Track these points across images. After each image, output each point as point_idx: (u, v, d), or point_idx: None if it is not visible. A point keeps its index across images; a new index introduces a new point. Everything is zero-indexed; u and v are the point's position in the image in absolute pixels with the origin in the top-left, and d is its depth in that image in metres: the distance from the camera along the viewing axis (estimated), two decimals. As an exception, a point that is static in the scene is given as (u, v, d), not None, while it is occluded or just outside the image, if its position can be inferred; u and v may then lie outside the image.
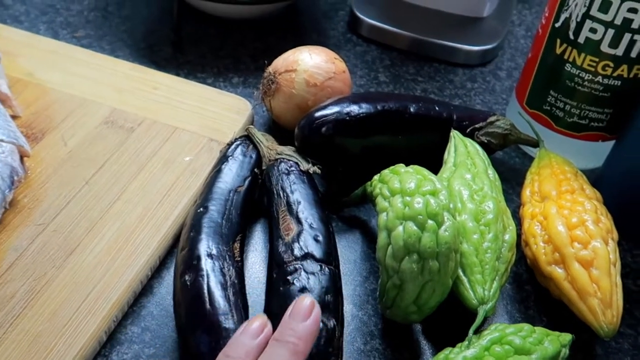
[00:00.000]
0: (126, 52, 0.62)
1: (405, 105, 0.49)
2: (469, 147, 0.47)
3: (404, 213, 0.38)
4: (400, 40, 0.67)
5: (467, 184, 0.43)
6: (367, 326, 0.42)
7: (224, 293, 0.36)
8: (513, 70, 0.66)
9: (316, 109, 0.47)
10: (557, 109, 0.51)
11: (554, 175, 0.45)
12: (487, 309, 0.39)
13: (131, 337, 0.39)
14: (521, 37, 0.71)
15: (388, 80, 0.62)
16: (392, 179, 0.41)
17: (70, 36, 0.63)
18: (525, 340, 0.36)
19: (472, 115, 0.51)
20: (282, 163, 0.45)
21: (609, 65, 0.47)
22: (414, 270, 0.37)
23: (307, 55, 0.51)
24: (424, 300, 0.38)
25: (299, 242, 0.39)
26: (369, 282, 0.44)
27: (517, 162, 0.55)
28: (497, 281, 0.40)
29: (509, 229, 0.42)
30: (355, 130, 0.47)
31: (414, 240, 0.37)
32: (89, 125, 0.51)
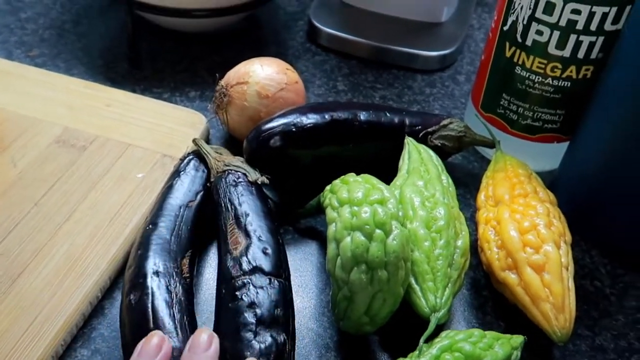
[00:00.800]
0: (81, 70, 0.62)
1: (355, 114, 0.48)
2: (423, 154, 0.47)
3: (351, 223, 0.37)
4: (359, 48, 0.66)
5: (418, 191, 0.43)
6: (323, 339, 0.41)
7: (169, 311, 0.36)
8: (472, 75, 0.66)
9: (264, 121, 0.46)
10: (511, 112, 0.51)
11: (507, 178, 0.45)
12: (439, 316, 0.38)
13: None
14: (480, 41, 0.71)
15: (347, 89, 0.62)
16: (341, 189, 0.40)
17: (25, 55, 0.63)
18: (476, 346, 0.36)
19: (424, 119, 0.51)
20: (230, 174, 0.44)
21: (557, 66, 0.47)
22: (363, 280, 0.36)
23: (258, 67, 0.51)
24: (375, 310, 0.38)
25: (247, 256, 0.38)
26: (325, 294, 0.44)
27: (476, 167, 0.55)
28: (449, 288, 0.39)
29: (462, 235, 0.42)
30: (303, 141, 0.46)
31: (362, 251, 0.36)
32: (40, 145, 0.50)
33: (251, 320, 0.36)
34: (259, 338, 0.35)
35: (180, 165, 0.47)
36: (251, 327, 0.36)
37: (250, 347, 0.35)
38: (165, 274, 0.38)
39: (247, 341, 0.35)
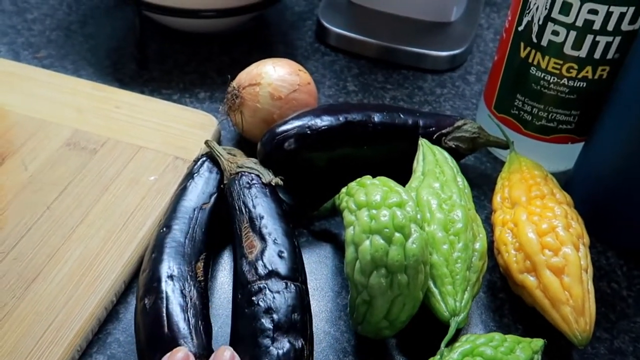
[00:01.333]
0: (89, 71, 0.61)
1: (369, 115, 0.48)
2: (437, 155, 0.47)
3: (370, 227, 0.37)
4: (368, 48, 0.66)
5: (435, 193, 0.43)
6: (340, 343, 0.41)
7: (183, 315, 0.35)
8: (482, 75, 0.66)
9: (278, 124, 0.46)
10: (525, 112, 0.51)
11: (523, 180, 0.45)
12: (459, 320, 0.38)
13: (96, 366, 0.38)
14: (490, 41, 0.71)
15: (357, 89, 0.62)
16: (358, 192, 0.40)
17: (32, 57, 0.62)
18: (497, 350, 0.35)
19: (438, 120, 0.51)
20: (243, 176, 0.44)
21: (573, 67, 0.46)
22: (382, 284, 0.36)
23: (270, 68, 0.50)
24: (395, 314, 0.37)
25: (263, 260, 0.38)
26: (341, 298, 0.43)
27: (489, 167, 0.55)
28: (468, 292, 0.39)
29: (479, 237, 0.42)
30: (318, 144, 0.46)
31: (382, 254, 0.36)
32: (50, 148, 0.50)
33: (268, 326, 0.35)
34: (277, 344, 0.35)
35: (194, 167, 0.46)
36: (268, 333, 0.35)
37: (268, 353, 0.34)
38: (180, 277, 0.38)
39: (264, 347, 0.35)
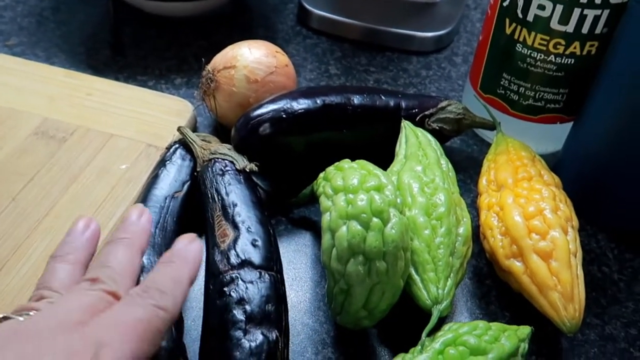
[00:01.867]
0: (62, 59, 0.59)
1: (348, 98, 0.46)
2: (420, 138, 0.45)
3: (347, 212, 0.35)
4: (352, 30, 0.64)
5: (417, 176, 0.41)
6: (319, 334, 0.39)
7: None
8: (469, 55, 0.64)
9: (252, 108, 0.44)
10: (512, 92, 0.49)
11: (510, 161, 0.43)
12: (442, 308, 0.36)
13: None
14: (477, 21, 0.69)
15: (339, 73, 0.60)
16: (335, 176, 0.38)
17: (2, 44, 0.60)
18: (481, 339, 0.34)
19: (421, 102, 0.49)
20: (217, 163, 0.42)
21: (561, 43, 0.45)
22: (360, 272, 0.34)
23: (246, 50, 0.48)
24: (374, 303, 0.36)
25: (236, 249, 0.36)
26: (320, 287, 0.42)
27: (475, 150, 0.53)
28: (451, 278, 0.37)
29: (463, 222, 0.40)
30: (295, 128, 0.44)
31: (359, 241, 0.34)
32: (17, 137, 0.48)
33: (240, 317, 0.34)
34: (249, 336, 0.33)
35: (166, 154, 0.44)
36: (240, 325, 0.33)
37: (239, 346, 0.33)
38: (150, 269, 0.36)
39: (236, 340, 0.33)
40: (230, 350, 0.33)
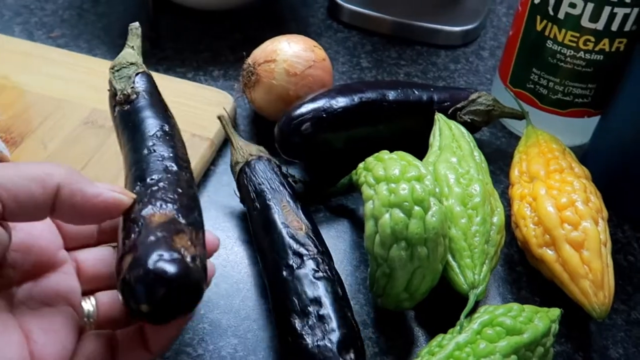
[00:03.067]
0: (103, 50, 0.61)
1: (383, 94, 0.48)
2: (454, 130, 0.47)
3: (389, 200, 0.37)
4: (381, 24, 0.66)
5: (453, 167, 0.43)
6: (360, 316, 0.41)
7: None
8: (496, 50, 0.65)
9: (294, 107, 0.46)
10: (541, 86, 0.51)
11: (541, 154, 0.45)
12: (478, 292, 0.38)
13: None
14: (503, 15, 0.70)
15: (370, 66, 0.62)
16: (376, 167, 0.40)
17: (46, 37, 0.62)
18: (516, 320, 0.36)
19: (453, 95, 0.51)
20: (259, 161, 0.44)
21: (590, 40, 0.46)
22: (402, 257, 0.37)
23: (285, 45, 0.50)
24: (415, 287, 0.38)
25: (309, 239, 0.39)
26: (360, 271, 0.44)
27: (504, 142, 0.55)
28: (486, 265, 0.39)
29: (497, 211, 0.42)
30: (334, 126, 0.46)
31: (401, 227, 0.36)
32: (68, 127, 0.50)
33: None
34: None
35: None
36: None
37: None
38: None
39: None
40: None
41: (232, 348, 0.39)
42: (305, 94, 0.49)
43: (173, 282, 0.27)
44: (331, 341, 0.34)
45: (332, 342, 0.34)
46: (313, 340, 0.34)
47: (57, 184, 0.28)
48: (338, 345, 0.34)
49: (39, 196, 0.27)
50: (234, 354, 0.39)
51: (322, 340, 0.34)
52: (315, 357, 0.33)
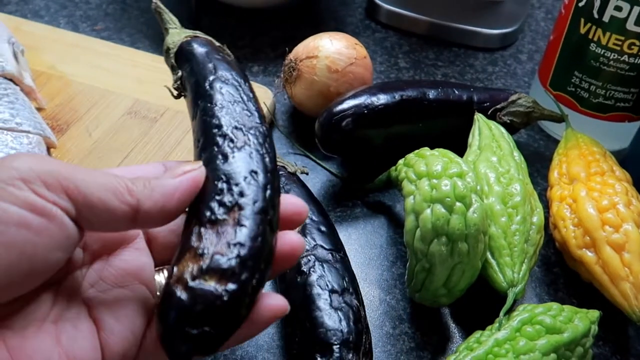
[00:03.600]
0: (146, 44, 0.62)
1: (424, 92, 0.48)
2: (494, 130, 0.47)
3: (431, 196, 0.37)
4: (419, 25, 0.66)
5: (493, 166, 0.43)
6: (396, 310, 0.42)
7: None
8: (534, 53, 0.65)
9: (335, 103, 0.47)
10: (582, 89, 0.51)
11: (582, 156, 0.45)
12: (517, 291, 0.38)
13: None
14: (541, 20, 0.70)
15: (408, 66, 0.62)
16: (417, 162, 0.40)
17: (90, 29, 0.64)
18: (556, 319, 0.36)
19: (493, 95, 0.51)
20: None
21: (635, 43, 0.46)
22: (443, 252, 0.37)
23: (328, 42, 0.51)
24: (454, 282, 0.38)
25: (305, 236, 0.39)
26: (396, 267, 0.44)
27: (541, 145, 0.55)
28: (525, 263, 0.39)
29: (537, 211, 0.42)
30: (375, 122, 0.47)
31: (443, 223, 0.37)
32: (112, 116, 0.51)
33: (324, 290, 0.37)
34: (335, 305, 0.36)
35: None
36: (325, 297, 0.36)
37: (329, 314, 0.36)
38: None
39: (324, 309, 0.36)
40: (320, 319, 0.36)
41: (269, 337, 0.39)
42: (346, 90, 0.50)
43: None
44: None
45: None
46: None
47: (137, 200, 0.26)
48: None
49: (117, 211, 0.25)
50: (271, 343, 0.39)
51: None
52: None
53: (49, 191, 0.24)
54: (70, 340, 0.25)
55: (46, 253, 0.24)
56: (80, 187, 0.25)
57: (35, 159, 0.25)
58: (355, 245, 0.45)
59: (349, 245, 0.44)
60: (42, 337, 0.25)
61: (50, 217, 0.24)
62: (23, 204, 0.23)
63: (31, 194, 0.24)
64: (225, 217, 0.26)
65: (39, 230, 0.23)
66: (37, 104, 0.50)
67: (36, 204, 0.24)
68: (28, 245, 0.23)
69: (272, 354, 0.38)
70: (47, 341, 0.25)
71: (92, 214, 0.25)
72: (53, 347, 0.25)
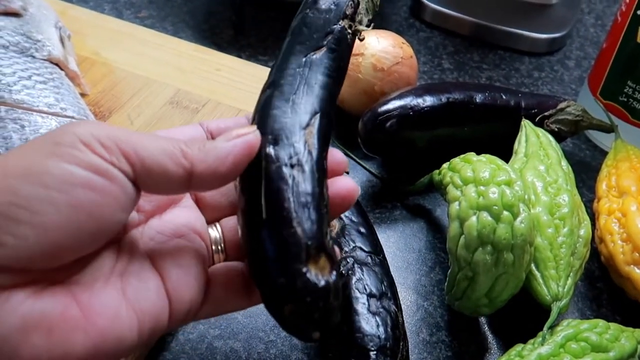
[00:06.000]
0: (188, 34, 0.62)
1: (471, 96, 0.47)
2: (541, 138, 0.46)
3: (477, 203, 0.37)
4: (465, 26, 0.65)
5: (540, 175, 0.42)
6: (433, 317, 0.41)
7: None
8: (582, 60, 0.63)
9: (379, 103, 0.46)
10: (635, 100, 0.49)
11: (633, 169, 0.43)
12: (561, 305, 0.37)
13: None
14: (591, 26, 0.68)
15: (452, 68, 0.61)
16: (464, 168, 0.39)
17: (134, 16, 0.64)
18: (602, 337, 0.34)
19: (541, 102, 0.49)
20: None
21: (696, 55, 0.44)
22: (487, 262, 0.36)
23: (374, 40, 0.50)
24: (497, 293, 0.37)
25: (345, 237, 0.39)
26: (435, 273, 0.43)
27: (587, 155, 0.53)
28: (571, 277, 0.38)
29: (584, 224, 0.41)
30: (419, 124, 0.46)
31: (489, 231, 0.36)
32: (154, 105, 0.51)
33: (362, 293, 0.36)
34: (373, 309, 0.35)
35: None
36: (362, 300, 0.36)
37: (366, 319, 0.35)
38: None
39: (361, 313, 0.35)
40: (357, 323, 0.35)
41: (305, 336, 0.39)
42: (390, 90, 0.49)
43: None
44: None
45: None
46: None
47: (191, 164, 0.26)
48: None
49: (173, 174, 0.26)
50: (305, 344, 0.39)
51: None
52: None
53: (109, 154, 0.25)
54: (136, 292, 0.26)
55: (110, 213, 0.25)
56: (138, 150, 0.25)
57: (94, 125, 0.25)
58: (393, 248, 0.44)
59: (387, 247, 0.44)
60: (109, 291, 0.26)
61: (112, 178, 0.25)
62: (87, 166, 0.24)
63: (94, 157, 0.24)
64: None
65: (103, 191, 0.24)
66: (80, 89, 0.50)
67: (99, 166, 0.24)
68: (94, 206, 0.24)
69: (306, 355, 0.38)
70: (114, 295, 0.26)
71: (149, 177, 0.26)
72: (120, 300, 0.26)
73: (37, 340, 0.23)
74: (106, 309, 0.25)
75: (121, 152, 0.25)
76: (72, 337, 0.24)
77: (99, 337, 0.24)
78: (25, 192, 0.23)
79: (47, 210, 0.23)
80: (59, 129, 0.25)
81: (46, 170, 0.24)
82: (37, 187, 0.23)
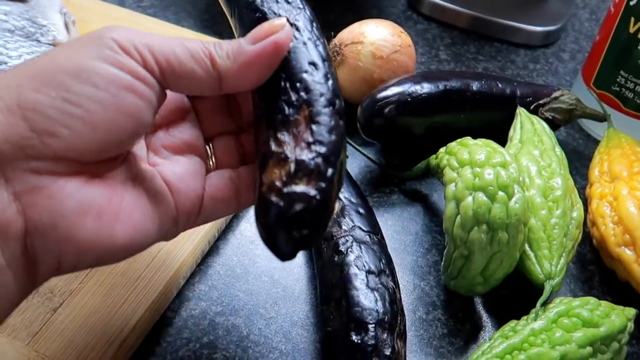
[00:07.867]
0: (190, 22, 0.63)
1: (468, 84, 0.48)
2: (536, 125, 0.47)
3: (473, 184, 0.38)
4: (461, 18, 0.66)
5: (535, 160, 0.43)
6: (429, 296, 0.42)
7: None
8: (577, 53, 0.65)
9: (378, 90, 0.47)
10: (627, 89, 0.50)
11: (625, 155, 0.45)
12: (554, 284, 0.38)
13: (199, 294, 0.40)
14: (585, 20, 0.70)
15: (449, 59, 0.62)
16: (460, 151, 0.41)
17: (137, 5, 0.65)
18: (593, 313, 0.36)
19: (536, 91, 0.50)
20: None
21: (686, 45, 0.46)
22: (482, 240, 0.37)
23: (373, 28, 0.51)
24: (491, 271, 0.38)
25: (344, 217, 0.40)
26: (431, 255, 0.44)
27: (581, 144, 0.54)
28: (564, 257, 0.39)
29: (577, 207, 0.42)
30: (418, 111, 0.47)
31: (484, 211, 0.37)
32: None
33: (360, 270, 0.37)
34: (372, 285, 0.36)
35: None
36: (361, 277, 0.37)
37: (365, 294, 0.36)
38: None
39: (360, 289, 0.36)
40: (356, 298, 0.36)
41: (304, 314, 0.40)
42: (389, 78, 0.50)
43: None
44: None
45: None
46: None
47: (219, 71, 0.28)
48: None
49: (203, 82, 0.28)
50: (305, 319, 0.40)
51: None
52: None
53: (144, 61, 0.27)
54: (153, 198, 0.29)
55: (147, 115, 0.27)
56: (169, 58, 0.27)
57: (127, 31, 0.27)
58: (390, 231, 0.45)
59: (385, 230, 0.45)
60: (137, 189, 0.28)
61: (148, 82, 0.27)
62: (129, 71, 0.26)
63: (133, 62, 0.26)
64: (297, 117, 0.27)
65: (142, 94, 0.26)
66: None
67: (139, 73, 0.26)
68: (134, 108, 0.26)
69: (306, 330, 0.39)
70: (141, 193, 0.28)
71: (179, 81, 0.27)
72: (146, 200, 0.28)
73: (89, 223, 0.26)
74: (137, 206, 0.28)
75: (154, 60, 0.27)
76: (115, 225, 0.26)
77: (133, 229, 0.27)
78: (77, 90, 0.25)
79: (96, 108, 0.25)
80: (96, 32, 0.27)
81: (95, 71, 0.25)
82: (87, 87, 0.25)
